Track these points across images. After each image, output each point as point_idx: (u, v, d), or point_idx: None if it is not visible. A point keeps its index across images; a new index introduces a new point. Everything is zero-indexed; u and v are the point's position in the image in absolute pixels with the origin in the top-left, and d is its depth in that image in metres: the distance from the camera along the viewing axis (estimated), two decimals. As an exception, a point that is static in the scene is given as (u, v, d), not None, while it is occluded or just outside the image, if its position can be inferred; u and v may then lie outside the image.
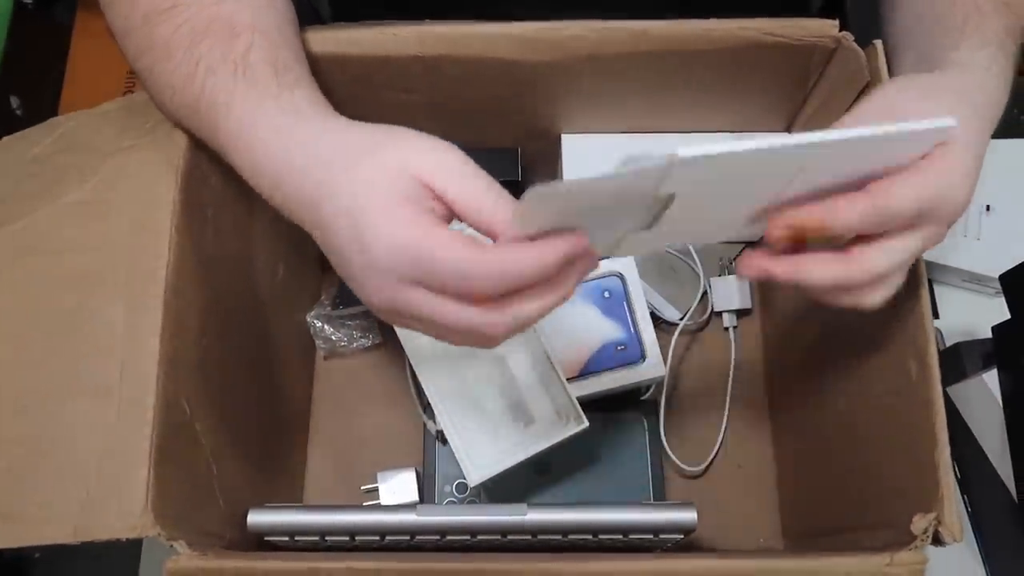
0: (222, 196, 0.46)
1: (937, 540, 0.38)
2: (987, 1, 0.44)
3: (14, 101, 1.12)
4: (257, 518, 0.47)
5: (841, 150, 0.34)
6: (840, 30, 0.47)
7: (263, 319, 0.53)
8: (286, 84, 0.39)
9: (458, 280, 0.32)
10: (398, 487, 0.53)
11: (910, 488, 0.41)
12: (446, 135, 0.55)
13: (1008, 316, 0.52)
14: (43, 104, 1.12)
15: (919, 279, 0.42)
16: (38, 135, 0.46)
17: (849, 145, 0.33)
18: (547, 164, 0.58)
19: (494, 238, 0.34)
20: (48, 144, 0.46)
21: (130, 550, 0.58)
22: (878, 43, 0.46)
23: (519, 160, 0.57)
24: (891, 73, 0.46)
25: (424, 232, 0.32)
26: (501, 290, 0.33)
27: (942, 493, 0.38)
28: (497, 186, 0.35)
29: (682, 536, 0.49)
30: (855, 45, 0.47)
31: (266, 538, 0.47)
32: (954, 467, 0.53)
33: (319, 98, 0.40)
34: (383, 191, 0.33)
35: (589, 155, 0.56)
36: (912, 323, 0.42)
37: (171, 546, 0.37)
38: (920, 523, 0.38)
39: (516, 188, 0.59)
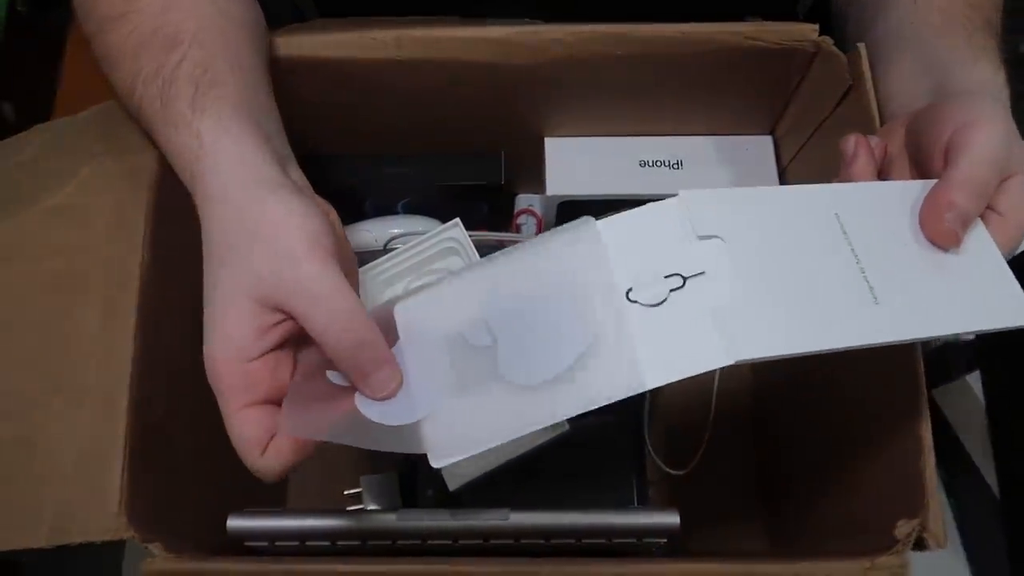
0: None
1: (922, 546, 0.38)
2: (977, 16, 0.44)
3: (7, 107, 1.12)
4: (237, 522, 0.46)
5: None
6: (822, 34, 0.47)
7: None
8: (199, 107, 0.38)
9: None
10: (381, 491, 0.53)
11: (894, 494, 0.41)
12: (429, 139, 0.56)
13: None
14: (36, 111, 1.11)
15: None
16: (23, 141, 0.47)
17: None
18: (532, 168, 0.58)
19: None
20: (31, 150, 0.46)
21: (116, 551, 0.58)
22: (861, 47, 0.46)
23: (502, 164, 0.57)
24: (878, 74, 0.46)
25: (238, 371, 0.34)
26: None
27: (927, 500, 0.37)
28: (369, 336, 0.34)
29: (665, 540, 0.49)
30: (835, 49, 0.47)
31: (246, 543, 0.47)
32: (939, 469, 0.53)
33: (235, 120, 0.38)
34: (226, 344, 0.34)
35: (573, 158, 0.56)
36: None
37: (147, 548, 0.37)
38: (904, 528, 0.37)
39: (499, 192, 0.60)
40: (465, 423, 0.32)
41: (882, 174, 0.41)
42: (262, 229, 0.34)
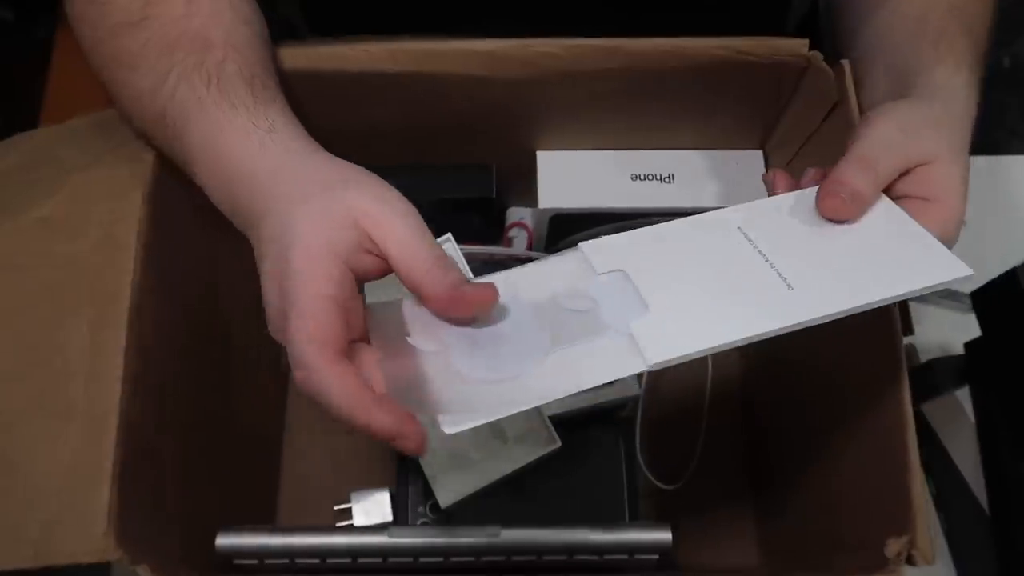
0: (189, 213, 0.46)
1: (910, 562, 0.38)
2: (954, 24, 0.45)
3: (-8, 116, 1.12)
4: (225, 541, 0.46)
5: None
6: (811, 49, 0.48)
7: (231, 337, 0.53)
8: (262, 99, 0.39)
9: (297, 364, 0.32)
10: (371, 508, 0.53)
11: (883, 510, 0.41)
12: (420, 152, 0.56)
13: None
14: (23, 120, 1.11)
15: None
16: (5, 149, 0.46)
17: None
18: (523, 181, 0.58)
19: (423, 301, 0.34)
20: (15, 159, 0.46)
21: (103, 568, 0.58)
22: (845, 63, 0.47)
23: (493, 177, 0.57)
24: (859, 87, 0.46)
25: (330, 308, 0.32)
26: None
27: (915, 516, 0.37)
28: (437, 251, 0.34)
29: (658, 556, 0.48)
30: (825, 64, 0.47)
31: (235, 561, 0.46)
32: (930, 484, 0.53)
33: (292, 118, 0.40)
34: (319, 235, 0.33)
35: (565, 172, 0.56)
36: (883, 343, 0.42)
37: (134, 570, 0.37)
38: (894, 547, 0.37)
39: (491, 205, 0.59)
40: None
41: None
42: (351, 174, 0.36)
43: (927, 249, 0.36)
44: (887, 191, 0.39)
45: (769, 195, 0.41)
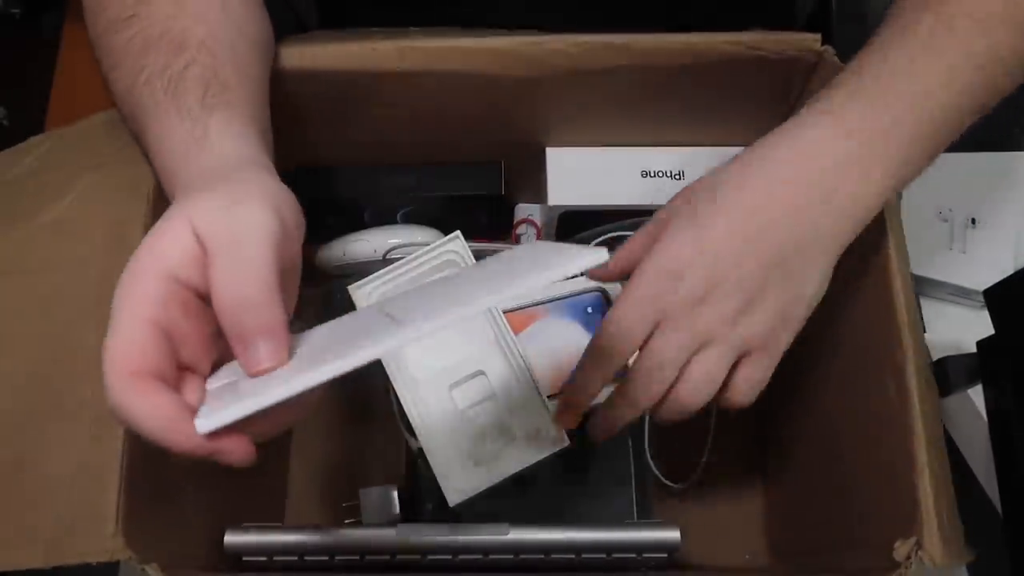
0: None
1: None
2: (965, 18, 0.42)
3: (1, 112, 1.12)
4: (234, 538, 0.46)
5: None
6: (823, 44, 0.47)
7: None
8: (208, 106, 0.37)
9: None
10: (380, 505, 0.53)
11: (891, 510, 0.41)
12: (429, 149, 0.56)
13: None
14: (30, 115, 1.11)
15: (894, 298, 0.42)
16: (19, 154, 0.46)
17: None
18: (531, 178, 0.58)
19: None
20: (28, 163, 0.46)
21: (112, 566, 0.58)
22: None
23: (502, 174, 0.57)
24: None
25: (143, 330, 0.29)
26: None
27: (922, 517, 0.37)
28: (259, 296, 0.30)
29: (667, 555, 0.48)
30: (837, 59, 0.47)
31: (244, 558, 0.46)
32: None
33: (241, 123, 0.38)
34: (150, 249, 0.30)
35: (574, 169, 0.56)
36: (890, 341, 0.41)
37: (143, 570, 0.37)
38: (902, 549, 0.37)
39: (500, 202, 0.59)
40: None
41: None
42: (229, 185, 0.32)
43: (559, 251, 0.32)
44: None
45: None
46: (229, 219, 0.30)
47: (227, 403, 0.29)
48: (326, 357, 0.29)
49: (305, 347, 0.31)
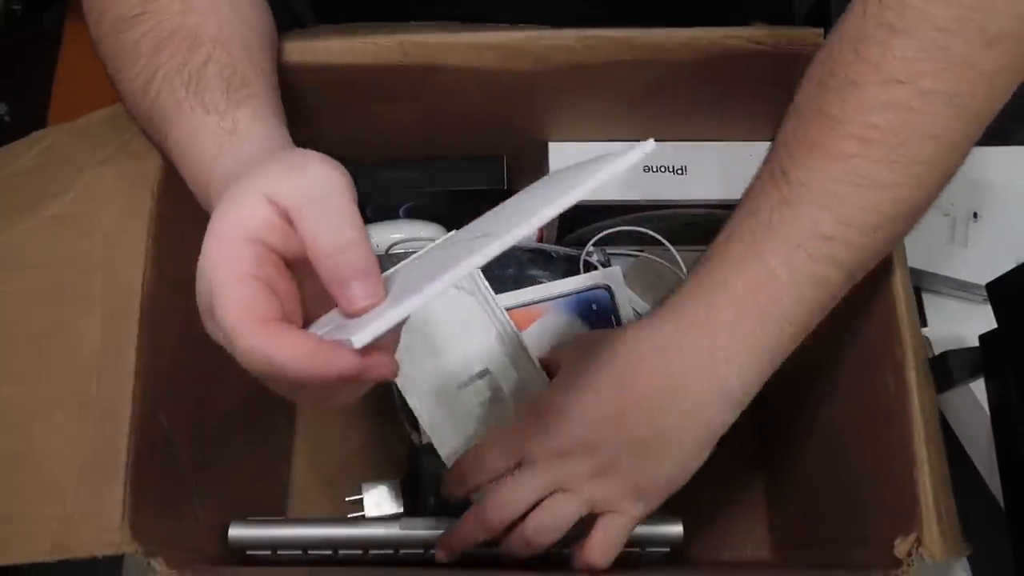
0: (198, 207, 0.46)
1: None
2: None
3: (2, 108, 1.12)
4: (238, 532, 0.46)
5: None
6: (825, 38, 0.47)
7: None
8: (234, 100, 0.38)
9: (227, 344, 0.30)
10: (383, 499, 0.53)
11: (891, 506, 0.41)
12: (431, 144, 0.56)
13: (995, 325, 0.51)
14: (32, 111, 1.11)
15: (893, 295, 0.42)
16: (21, 149, 0.46)
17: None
18: (533, 172, 0.57)
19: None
20: (30, 158, 0.46)
21: (116, 559, 0.58)
22: None
23: (504, 168, 0.57)
24: None
25: (251, 283, 0.30)
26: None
27: (921, 512, 0.37)
28: (355, 237, 0.31)
29: (669, 549, 0.49)
30: (838, 54, 0.47)
31: (248, 552, 0.47)
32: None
33: (266, 115, 0.39)
34: (227, 220, 0.31)
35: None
36: (889, 338, 0.41)
37: (148, 563, 0.37)
38: (903, 546, 0.37)
39: (502, 197, 0.59)
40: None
41: None
42: (281, 158, 0.33)
43: (603, 160, 0.33)
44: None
45: None
46: (305, 178, 0.31)
47: (367, 321, 0.29)
48: (432, 276, 0.29)
49: (395, 285, 0.32)
